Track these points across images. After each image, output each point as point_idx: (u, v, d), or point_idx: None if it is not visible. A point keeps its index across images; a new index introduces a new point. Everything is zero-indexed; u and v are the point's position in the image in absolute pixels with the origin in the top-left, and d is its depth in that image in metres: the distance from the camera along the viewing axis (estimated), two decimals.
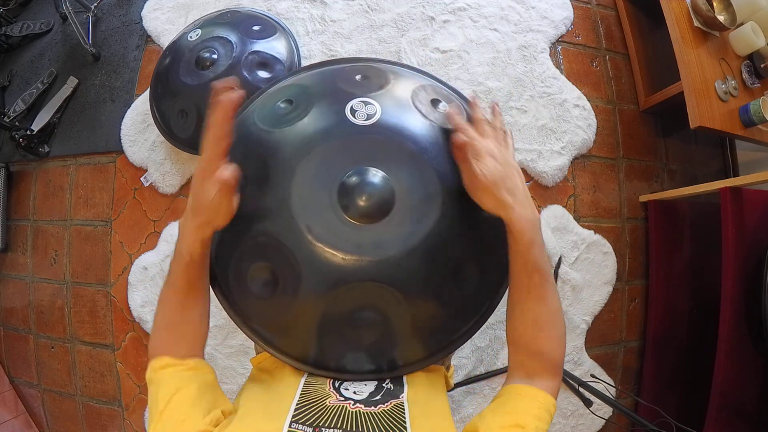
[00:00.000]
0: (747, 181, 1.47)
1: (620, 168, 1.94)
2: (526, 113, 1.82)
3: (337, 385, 0.62)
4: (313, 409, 0.54)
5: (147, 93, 1.81)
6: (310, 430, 0.50)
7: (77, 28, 1.94)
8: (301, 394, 0.58)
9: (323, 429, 0.50)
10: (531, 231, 0.57)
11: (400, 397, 0.59)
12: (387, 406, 0.56)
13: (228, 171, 0.55)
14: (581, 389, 1.62)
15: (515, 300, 0.61)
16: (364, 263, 0.57)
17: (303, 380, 0.63)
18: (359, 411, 0.54)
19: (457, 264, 0.62)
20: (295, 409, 0.54)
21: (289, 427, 0.50)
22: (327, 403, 0.56)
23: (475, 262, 0.63)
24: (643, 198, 1.91)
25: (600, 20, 2.04)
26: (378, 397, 0.59)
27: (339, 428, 0.50)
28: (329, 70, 0.73)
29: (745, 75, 1.74)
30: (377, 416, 0.53)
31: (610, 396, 1.55)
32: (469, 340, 0.71)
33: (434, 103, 0.68)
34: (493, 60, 1.84)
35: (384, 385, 0.63)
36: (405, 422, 0.54)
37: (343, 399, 0.58)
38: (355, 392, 0.60)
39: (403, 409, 0.56)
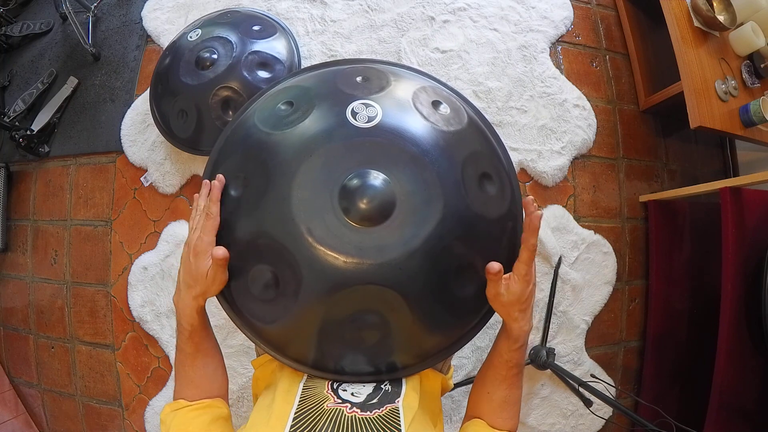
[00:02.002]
0: (747, 181, 1.47)
1: (620, 168, 1.94)
2: (526, 113, 1.82)
3: (335, 387, 0.63)
4: (310, 415, 0.54)
5: (147, 93, 1.81)
6: None
7: (77, 28, 1.94)
8: (299, 401, 0.58)
9: None
10: (524, 338, 0.65)
11: (396, 401, 0.59)
12: (382, 411, 0.56)
13: (221, 251, 0.60)
14: (581, 389, 1.62)
15: (489, 382, 0.68)
16: (365, 266, 0.56)
17: (302, 384, 0.63)
18: (355, 416, 0.54)
19: (458, 266, 0.62)
20: (294, 418, 0.54)
21: None
22: (325, 406, 0.56)
23: (475, 264, 0.63)
24: (643, 198, 1.91)
25: (600, 20, 2.04)
26: (375, 401, 0.59)
27: None
28: (330, 71, 0.73)
29: (745, 75, 1.74)
30: (372, 422, 0.54)
31: (610, 396, 1.55)
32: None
33: (435, 104, 0.68)
34: (493, 60, 1.84)
35: (382, 386, 0.63)
36: (400, 427, 0.54)
37: (340, 401, 0.58)
38: (353, 394, 0.60)
39: (398, 415, 0.56)
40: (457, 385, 1.68)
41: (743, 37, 1.70)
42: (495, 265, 0.61)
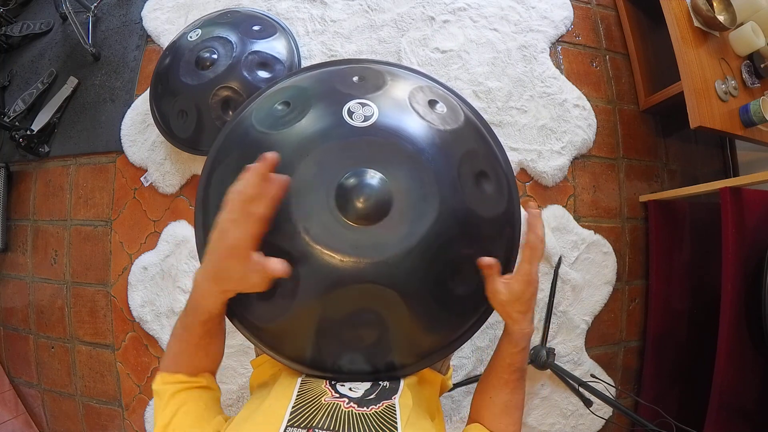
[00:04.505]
0: (747, 181, 1.47)
1: (620, 168, 1.94)
2: (526, 113, 1.82)
3: (333, 381, 0.63)
4: (308, 409, 0.54)
5: (147, 93, 1.82)
6: (304, 431, 0.50)
7: (77, 28, 1.95)
8: (297, 396, 0.58)
9: (316, 430, 0.50)
10: (525, 341, 0.64)
11: (393, 398, 0.59)
12: (379, 407, 0.56)
13: (281, 267, 0.54)
14: (581, 389, 1.62)
15: (491, 386, 0.67)
16: (362, 265, 0.56)
17: (300, 380, 0.63)
18: (351, 411, 0.54)
19: (455, 265, 0.62)
20: (291, 412, 0.54)
21: (284, 430, 0.51)
22: (322, 401, 0.56)
23: (473, 262, 0.63)
24: (643, 198, 1.91)
25: (600, 20, 2.04)
26: (372, 396, 0.59)
27: (331, 429, 0.51)
28: (326, 71, 0.73)
29: (745, 75, 1.74)
30: (369, 417, 0.54)
31: (610, 396, 1.55)
32: (469, 340, 0.71)
33: (431, 103, 0.68)
34: (493, 60, 1.84)
35: (380, 382, 0.63)
36: (396, 424, 0.54)
37: (338, 396, 0.58)
38: (350, 389, 0.60)
39: (395, 411, 0.56)
40: (456, 385, 1.68)
41: (743, 37, 1.70)
42: (486, 259, 0.61)
